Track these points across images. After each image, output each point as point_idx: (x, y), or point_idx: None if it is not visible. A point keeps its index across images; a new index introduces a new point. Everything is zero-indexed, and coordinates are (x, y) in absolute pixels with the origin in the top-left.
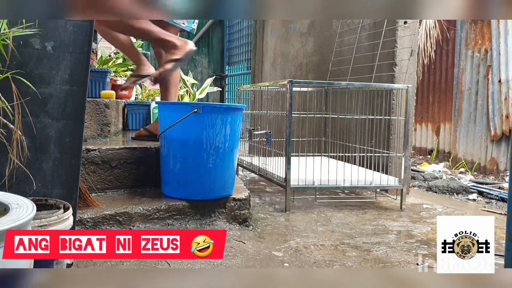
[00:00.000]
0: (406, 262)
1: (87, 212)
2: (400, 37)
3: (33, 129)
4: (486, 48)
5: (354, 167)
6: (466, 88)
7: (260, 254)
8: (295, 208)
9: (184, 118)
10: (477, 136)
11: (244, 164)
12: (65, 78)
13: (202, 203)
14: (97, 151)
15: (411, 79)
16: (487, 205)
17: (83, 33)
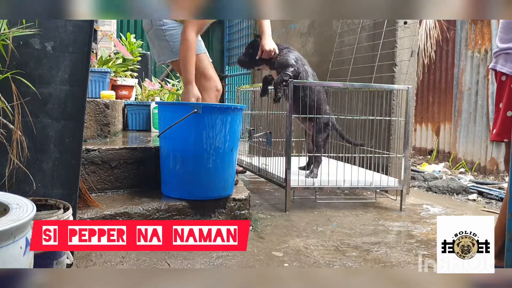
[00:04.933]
0: (406, 262)
1: (87, 212)
2: (400, 38)
3: (33, 129)
4: (486, 48)
5: (354, 168)
6: (466, 88)
7: (260, 254)
8: (295, 208)
9: (184, 118)
10: (477, 136)
11: (244, 164)
12: (65, 78)
13: (202, 203)
14: (97, 151)
15: (411, 80)
16: (487, 205)
17: (83, 33)
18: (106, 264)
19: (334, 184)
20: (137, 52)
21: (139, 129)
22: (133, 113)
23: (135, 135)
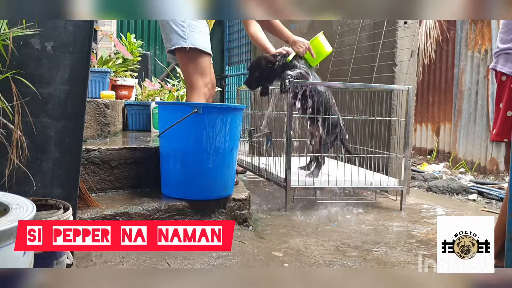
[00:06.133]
0: (406, 262)
1: (87, 212)
2: (400, 38)
3: (33, 129)
4: (486, 48)
5: (354, 168)
6: (466, 88)
7: (260, 254)
8: (295, 208)
9: (184, 118)
10: (477, 136)
11: (244, 164)
12: (65, 78)
13: (202, 203)
14: (97, 151)
15: (411, 80)
16: (487, 205)
17: (83, 33)
18: (106, 264)
19: (334, 184)
20: (137, 52)
21: (139, 129)
22: (133, 113)
23: (135, 135)
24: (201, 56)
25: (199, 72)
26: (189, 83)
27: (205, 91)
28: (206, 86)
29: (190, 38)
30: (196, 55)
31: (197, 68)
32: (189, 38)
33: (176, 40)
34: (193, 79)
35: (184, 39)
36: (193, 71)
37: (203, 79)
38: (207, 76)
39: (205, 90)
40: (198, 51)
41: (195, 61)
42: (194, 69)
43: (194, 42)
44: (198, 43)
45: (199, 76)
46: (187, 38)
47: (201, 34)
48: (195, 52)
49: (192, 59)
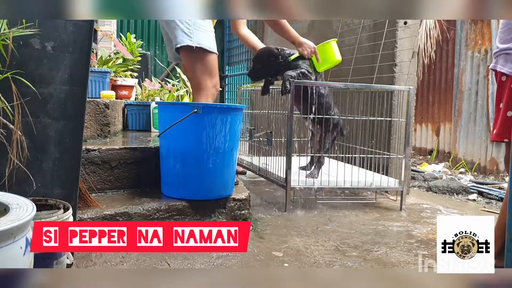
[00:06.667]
0: (406, 262)
1: (87, 212)
2: (400, 38)
3: (33, 129)
4: (486, 48)
5: (354, 168)
6: (466, 88)
7: (260, 254)
8: (295, 208)
9: (184, 118)
10: (477, 136)
11: (244, 164)
12: (65, 78)
13: (202, 203)
14: (97, 151)
15: (412, 80)
16: (487, 205)
17: (83, 33)
18: (106, 264)
19: (335, 184)
20: (137, 52)
21: (139, 129)
22: (133, 113)
23: (135, 135)
24: (208, 55)
25: (207, 73)
26: (197, 83)
27: (214, 92)
28: (214, 87)
29: (196, 37)
30: (203, 54)
31: (205, 68)
32: (194, 37)
33: (181, 38)
34: (201, 80)
35: (190, 37)
36: (202, 72)
37: (212, 79)
38: (216, 77)
39: (213, 91)
40: (204, 50)
41: (203, 61)
42: (203, 70)
43: (200, 41)
44: (204, 42)
45: (208, 77)
46: (192, 36)
47: (207, 33)
48: (201, 51)
49: (199, 59)
